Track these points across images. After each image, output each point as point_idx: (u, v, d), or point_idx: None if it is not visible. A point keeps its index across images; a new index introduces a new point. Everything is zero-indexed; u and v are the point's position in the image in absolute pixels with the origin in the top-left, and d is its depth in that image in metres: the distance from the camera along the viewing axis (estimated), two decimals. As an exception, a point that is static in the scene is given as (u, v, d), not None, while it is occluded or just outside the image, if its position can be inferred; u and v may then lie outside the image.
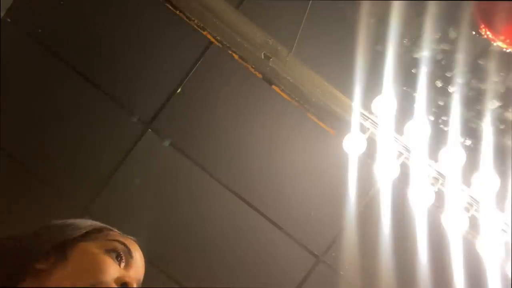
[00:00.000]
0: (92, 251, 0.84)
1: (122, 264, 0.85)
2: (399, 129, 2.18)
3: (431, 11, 2.19)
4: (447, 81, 2.27)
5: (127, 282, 0.82)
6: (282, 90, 2.22)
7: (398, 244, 2.28)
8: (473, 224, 2.22)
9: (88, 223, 0.91)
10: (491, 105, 2.25)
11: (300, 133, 2.32)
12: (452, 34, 2.24)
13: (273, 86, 2.22)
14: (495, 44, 2.16)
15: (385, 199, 2.25)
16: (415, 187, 2.20)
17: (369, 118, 2.17)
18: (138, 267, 0.87)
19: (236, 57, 2.21)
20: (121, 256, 0.85)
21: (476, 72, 2.26)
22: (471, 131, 2.27)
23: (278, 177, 2.36)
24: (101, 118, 2.34)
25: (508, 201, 2.20)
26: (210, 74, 2.30)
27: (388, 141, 2.19)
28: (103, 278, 0.80)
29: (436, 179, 2.20)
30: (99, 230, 0.89)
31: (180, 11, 2.18)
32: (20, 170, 2.34)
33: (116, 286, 0.80)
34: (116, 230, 0.92)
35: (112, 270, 0.82)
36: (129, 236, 0.92)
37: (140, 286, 0.89)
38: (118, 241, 0.87)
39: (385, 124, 2.18)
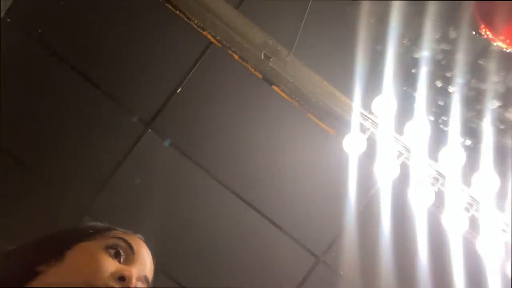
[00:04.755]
0: (88, 249, 0.83)
1: (122, 260, 0.84)
2: (399, 129, 2.18)
3: (431, 11, 2.19)
4: (447, 81, 2.27)
5: (125, 275, 0.80)
6: (282, 90, 2.22)
7: (398, 244, 2.28)
8: (473, 224, 2.22)
9: (90, 224, 0.90)
10: (491, 105, 2.25)
11: (300, 133, 2.32)
12: (452, 34, 2.24)
13: (273, 86, 2.22)
14: (495, 44, 2.16)
15: (385, 199, 2.25)
16: (415, 187, 2.20)
17: (369, 118, 2.17)
18: (142, 263, 0.85)
19: (236, 57, 2.21)
20: (119, 252, 0.84)
21: (476, 72, 2.26)
22: (471, 131, 2.27)
23: (278, 177, 2.36)
24: (101, 118, 2.34)
25: (508, 201, 2.20)
26: (210, 74, 2.30)
27: (388, 141, 2.19)
28: (96, 274, 0.79)
29: (436, 179, 2.20)
30: (100, 230, 0.88)
31: (180, 11, 2.18)
32: (20, 170, 2.34)
33: (113, 283, 0.79)
34: (119, 229, 0.91)
35: (108, 266, 0.80)
36: (135, 234, 0.91)
37: (149, 286, 0.87)
38: (119, 237, 0.86)
39: (385, 124, 2.18)
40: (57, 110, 2.32)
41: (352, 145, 2.19)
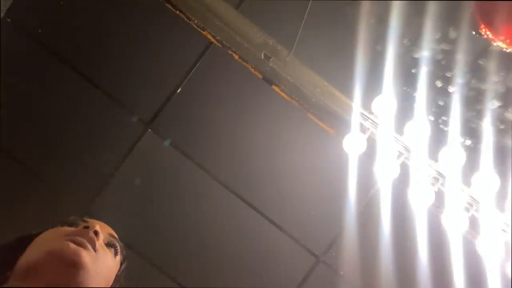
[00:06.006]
0: (45, 233, 0.89)
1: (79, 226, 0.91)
2: (399, 129, 2.18)
3: (431, 11, 2.19)
4: (447, 81, 2.27)
5: (88, 225, 0.87)
6: (282, 90, 2.22)
7: (398, 244, 2.28)
8: (473, 224, 2.22)
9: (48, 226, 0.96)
10: (491, 105, 2.25)
11: (300, 133, 2.32)
12: (452, 34, 2.24)
13: (273, 86, 2.22)
14: (495, 44, 2.16)
15: (385, 199, 2.25)
16: (415, 187, 2.20)
17: (369, 118, 2.17)
18: (101, 224, 0.93)
19: (236, 57, 2.21)
20: (74, 223, 0.92)
21: (476, 72, 2.26)
22: (471, 131, 2.27)
23: (278, 177, 2.36)
24: (101, 118, 2.34)
25: (508, 201, 2.20)
26: (210, 74, 2.30)
27: (388, 141, 2.19)
28: (61, 233, 0.85)
29: (436, 179, 2.20)
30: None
31: (180, 11, 2.19)
32: (20, 170, 2.34)
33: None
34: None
35: (67, 229, 0.88)
36: None
37: (122, 248, 0.94)
38: (70, 217, 0.95)
39: (385, 124, 2.18)
40: (57, 110, 2.32)
41: (352, 145, 2.19)
